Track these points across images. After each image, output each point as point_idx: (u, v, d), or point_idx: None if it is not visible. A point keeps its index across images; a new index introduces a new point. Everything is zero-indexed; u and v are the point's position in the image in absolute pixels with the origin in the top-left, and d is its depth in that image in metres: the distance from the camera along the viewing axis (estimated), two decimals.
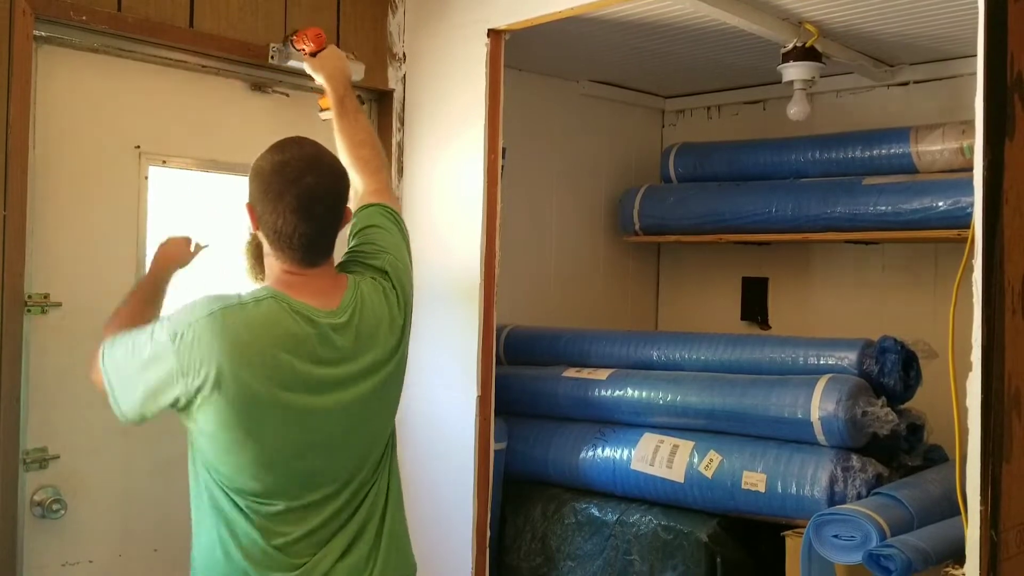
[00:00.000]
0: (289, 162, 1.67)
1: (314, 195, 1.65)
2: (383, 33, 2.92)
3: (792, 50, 2.93)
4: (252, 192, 1.69)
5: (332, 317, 1.67)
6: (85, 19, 2.27)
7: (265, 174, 1.67)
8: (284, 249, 1.67)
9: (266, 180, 1.66)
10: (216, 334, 1.57)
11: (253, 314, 1.61)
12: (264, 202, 1.65)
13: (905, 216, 3.06)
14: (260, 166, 1.69)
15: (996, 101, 1.68)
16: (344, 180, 1.75)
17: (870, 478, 2.42)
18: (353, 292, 1.73)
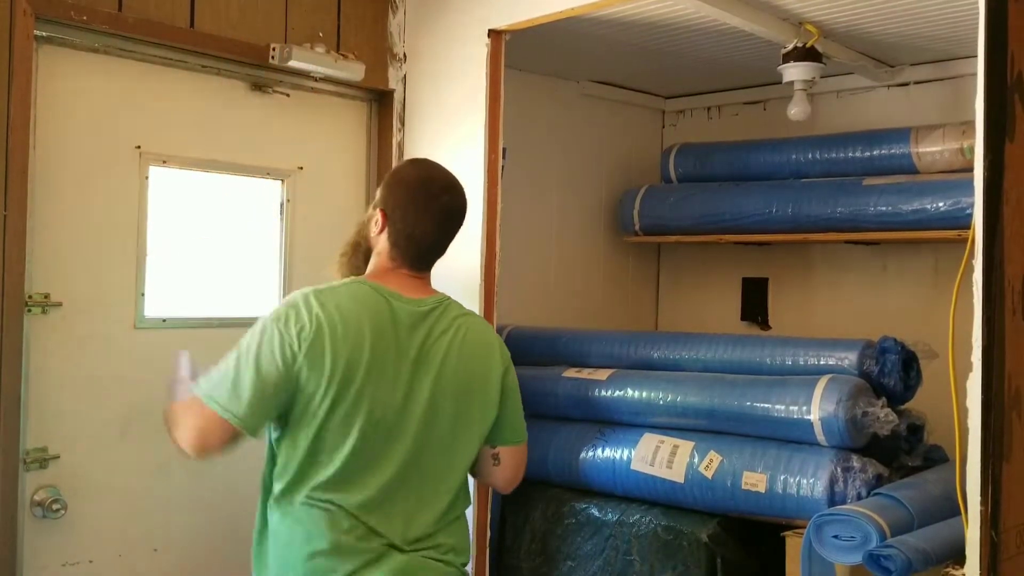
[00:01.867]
0: (435, 180, 1.97)
1: (451, 213, 1.96)
2: (383, 33, 2.92)
3: (792, 50, 2.93)
4: (392, 198, 1.94)
5: (414, 305, 1.90)
6: (86, 19, 2.27)
7: (412, 186, 1.94)
8: (408, 251, 1.93)
9: (413, 191, 1.93)
10: (313, 305, 1.80)
11: (343, 291, 1.86)
12: (407, 209, 1.92)
13: (905, 216, 3.06)
14: (406, 177, 1.98)
15: (996, 101, 1.68)
16: (466, 204, 2.02)
17: (870, 478, 2.42)
18: (440, 299, 1.97)
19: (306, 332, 1.77)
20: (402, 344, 1.85)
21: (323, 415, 1.79)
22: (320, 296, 1.83)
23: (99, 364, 2.39)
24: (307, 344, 1.76)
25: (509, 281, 2.94)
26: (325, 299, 1.82)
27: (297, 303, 1.81)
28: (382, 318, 1.84)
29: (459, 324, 1.96)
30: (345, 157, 2.97)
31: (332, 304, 1.81)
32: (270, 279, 2.80)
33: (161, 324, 2.53)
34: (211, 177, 2.65)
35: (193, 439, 1.80)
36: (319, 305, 1.80)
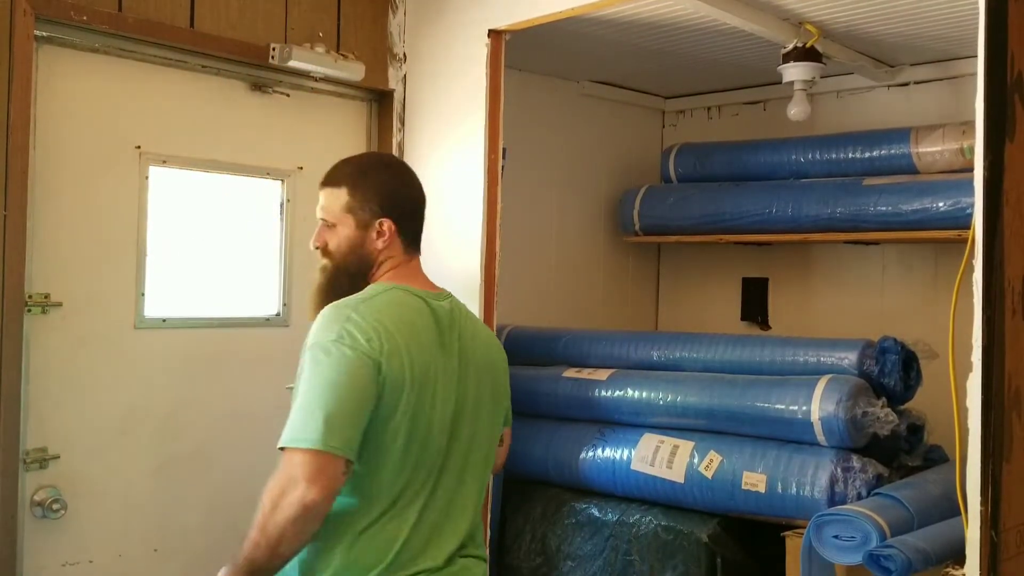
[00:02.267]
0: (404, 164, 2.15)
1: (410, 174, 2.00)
2: (383, 33, 2.92)
3: (792, 50, 2.93)
4: (384, 199, 1.86)
5: (441, 300, 1.85)
6: (86, 19, 2.27)
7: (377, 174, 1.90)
8: (412, 236, 1.89)
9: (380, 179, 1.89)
10: (366, 316, 1.68)
11: (383, 301, 1.75)
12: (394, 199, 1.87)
13: (905, 216, 3.06)
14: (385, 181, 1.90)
15: (996, 102, 1.68)
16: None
17: (870, 478, 2.42)
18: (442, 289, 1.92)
19: (376, 343, 1.64)
20: (449, 346, 1.79)
21: (405, 431, 1.67)
22: (364, 308, 1.70)
23: (99, 364, 2.39)
24: (386, 356, 1.64)
25: (509, 281, 2.94)
26: (371, 310, 1.70)
27: (349, 317, 1.67)
28: (429, 321, 1.77)
29: (467, 313, 1.92)
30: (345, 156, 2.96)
31: (384, 314, 1.70)
32: (270, 279, 2.80)
33: (161, 324, 2.53)
34: (211, 177, 2.65)
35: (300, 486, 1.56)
36: (372, 316, 1.68)
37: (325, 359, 1.63)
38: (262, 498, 1.61)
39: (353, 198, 1.85)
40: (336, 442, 1.57)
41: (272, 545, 1.58)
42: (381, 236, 1.84)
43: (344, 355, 1.62)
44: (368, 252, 1.85)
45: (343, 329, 1.65)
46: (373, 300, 1.74)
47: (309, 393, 1.62)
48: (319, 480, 1.56)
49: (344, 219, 1.85)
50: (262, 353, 2.73)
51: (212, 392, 2.62)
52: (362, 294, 1.77)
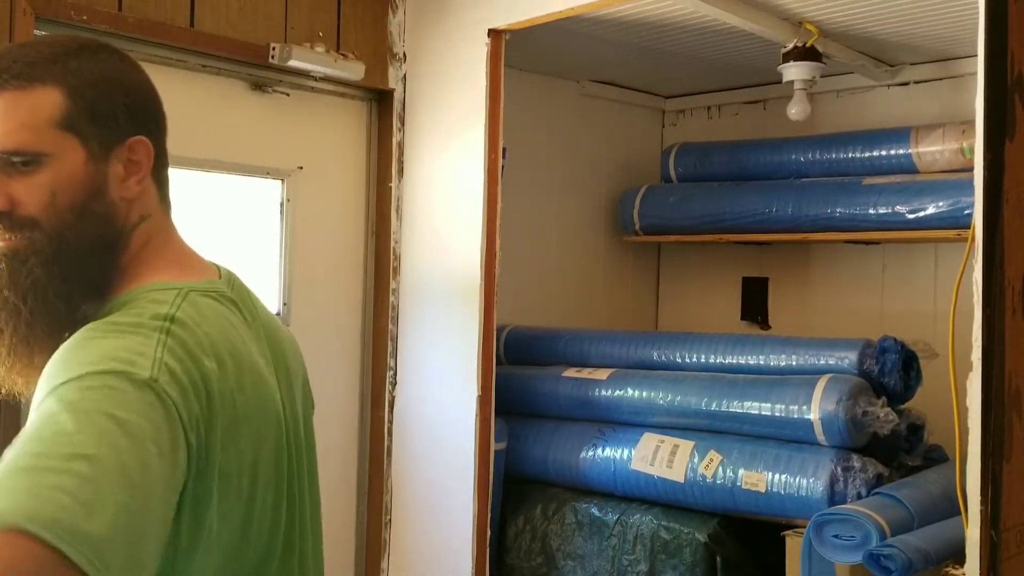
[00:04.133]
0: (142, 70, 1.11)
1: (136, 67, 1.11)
2: (383, 33, 2.92)
3: (792, 50, 2.93)
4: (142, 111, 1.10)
5: (222, 288, 1.08)
6: (86, 19, 2.27)
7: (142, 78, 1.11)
8: (166, 194, 1.15)
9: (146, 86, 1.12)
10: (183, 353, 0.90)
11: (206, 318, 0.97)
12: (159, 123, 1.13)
13: (905, 216, 3.06)
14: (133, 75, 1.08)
15: (996, 101, 1.68)
16: None
17: (870, 478, 2.42)
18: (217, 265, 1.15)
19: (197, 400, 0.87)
20: (271, 360, 1.06)
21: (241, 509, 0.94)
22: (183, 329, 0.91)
23: None
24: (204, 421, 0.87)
25: (509, 281, 2.94)
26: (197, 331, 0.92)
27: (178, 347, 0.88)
28: (245, 332, 1.03)
29: (256, 300, 1.15)
30: (345, 157, 2.97)
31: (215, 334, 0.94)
32: (270, 278, 2.80)
33: None
34: (211, 177, 2.65)
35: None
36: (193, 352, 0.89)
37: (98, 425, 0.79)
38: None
39: (74, 100, 0.96)
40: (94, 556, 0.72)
41: None
42: (134, 173, 1.05)
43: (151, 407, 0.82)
44: (114, 205, 1.01)
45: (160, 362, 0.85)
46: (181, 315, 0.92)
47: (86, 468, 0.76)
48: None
49: (59, 144, 0.95)
50: None
51: None
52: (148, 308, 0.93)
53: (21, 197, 0.93)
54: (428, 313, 2.80)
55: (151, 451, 0.80)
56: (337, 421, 2.91)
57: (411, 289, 2.87)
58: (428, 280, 2.83)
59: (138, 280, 0.99)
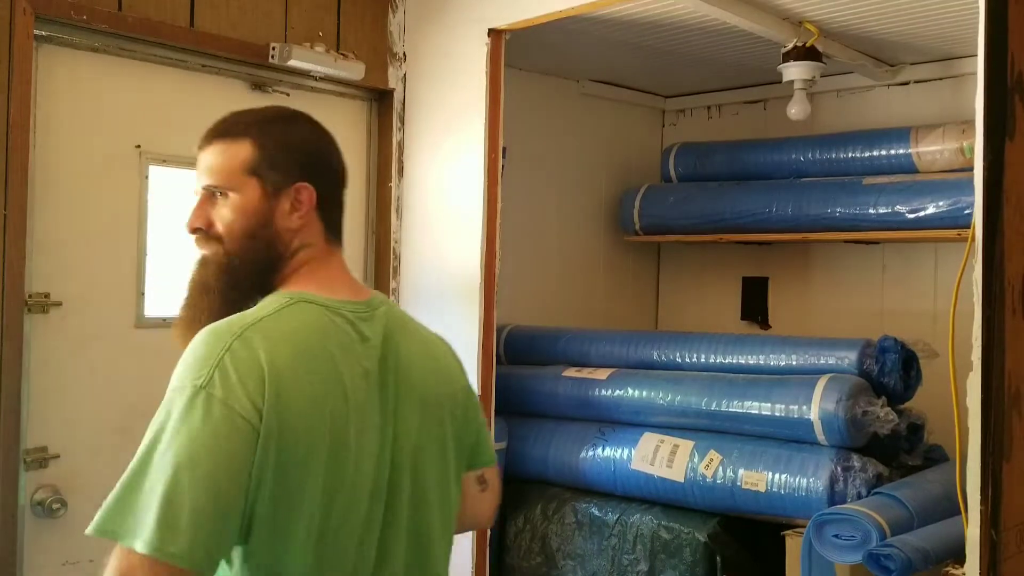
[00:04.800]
0: (333, 140, 1.40)
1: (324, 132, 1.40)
2: (383, 33, 2.92)
3: (792, 50, 2.93)
4: (311, 164, 1.32)
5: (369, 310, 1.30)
6: (86, 18, 2.27)
7: (317, 134, 1.37)
8: (331, 230, 1.33)
9: (320, 139, 1.37)
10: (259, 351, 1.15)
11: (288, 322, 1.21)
12: (319, 165, 1.33)
13: (905, 216, 3.06)
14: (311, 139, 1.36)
15: (996, 101, 1.68)
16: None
17: (870, 478, 2.42)
18: (376, 294, 1.37)
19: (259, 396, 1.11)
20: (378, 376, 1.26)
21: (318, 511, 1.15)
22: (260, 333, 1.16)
23: (99, 364, 2.39)
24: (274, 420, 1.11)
25: (509, 281, 2.94)
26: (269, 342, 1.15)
27: (231, 349, 1.14)
28: (351, 346, 1.23)
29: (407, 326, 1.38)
30: (345, 156, 2.95)
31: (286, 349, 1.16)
32: None
33: (162, 323, 2.52)
34: None
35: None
36: (267, 353, 1.14)
37: (182, 416, 1.11)
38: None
39: (260, 152, 1.27)
40: (178, 548, 1.05)
41: None
42: (297, 210, 1.27)
43: (208, 415, 1.09)
44: (278, 233, 1.27)
45: (217, 369, 1.12)
46: (264, 322, 1.18)
47: (155, 466, 1.12)
48: None
49: (244, 183, 1.26)
50: None
51: None
52: (256, 310, 1.21)
53: (215, 220, 1.28)
54: (428, 313, 2.79)
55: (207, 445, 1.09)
56: None
57: (411, 289, 2.87)
58: (428, 280, 2.83)
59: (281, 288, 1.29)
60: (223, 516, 1.09)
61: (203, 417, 1.10)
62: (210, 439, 1.09)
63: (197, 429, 1.10)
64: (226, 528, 1.09)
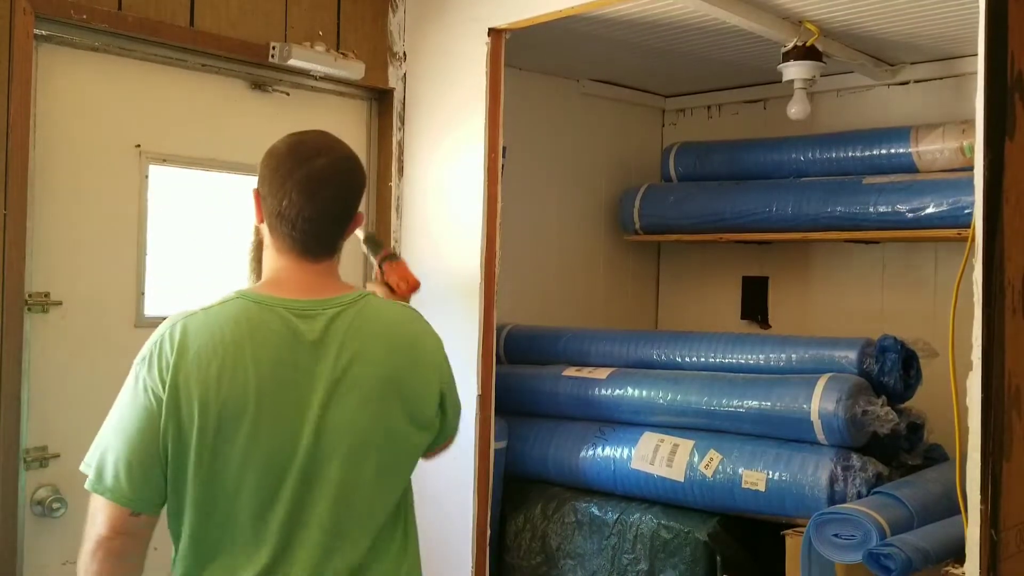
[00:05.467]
0: (305, 142, 1.54)
1: (323, 177, 1.50)
2: (383, 32, 2.92)
3: (792, 49, 2.93)
4: (261, 173, 1.54)
5: (310, 308, 1.47)
6: (86, 18, 2.27)
7: (277, 154, 1.53)
8: (285, 236, 1.51)
9: (277, 159, 1.52)
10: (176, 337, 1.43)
11: (219, 314, 1.46)
12: (272, 182, 1.50)
13: (905, 215, 3.06)
14: (274, 146, 1.56)
15: (996, 100, 1.68)
16: (359, 173, 1.61)
17: (870, 477, 2.42)
18: (360, 298, 1.53)
19: (167, 374, 1.40)
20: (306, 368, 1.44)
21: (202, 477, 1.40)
22: (191, 323, 1.45)
23: (99, 363, 2.39)
24: (170, 394, 1.39)
25: (509, 281, 2.94)
26: (196, 327, 1.44)
27: (163, 336, 1.44)
28: (275, 341, 1.43)
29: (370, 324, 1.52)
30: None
31: (205, 333, 1.43)
32: None
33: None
34: (211, 176, 2.65)
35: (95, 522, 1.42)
36: (186, 336, 1.43)
37: (127, 382, 1.45)
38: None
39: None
40: (105, 488, 1.39)
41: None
42: (255, 213, 1.57)
43: (136, 385, 1.42)
44: (259, 230, 1.61)
45: (151, 351, 1.44)
46: (207, 314, 1.47)
47: (107, 419, 1.45)
48: (105, 521, 1.40)
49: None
50: None
51: None
52: (208, 302, 1.51)
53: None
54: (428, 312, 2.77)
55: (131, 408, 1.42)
56: None
57: None
58: (428, 279, 2.82)
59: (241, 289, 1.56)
60: (142, 466, 1.39)
61: (132, 389, 1.43)
62: (131, 407, 1.41)
63: (127, 398, 1.43)
64: (150, 476, 1.40)
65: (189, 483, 1.40)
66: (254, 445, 1.40)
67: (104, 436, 1.43)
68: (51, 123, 2.29)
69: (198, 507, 1.42)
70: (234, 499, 1.41)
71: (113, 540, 1.41)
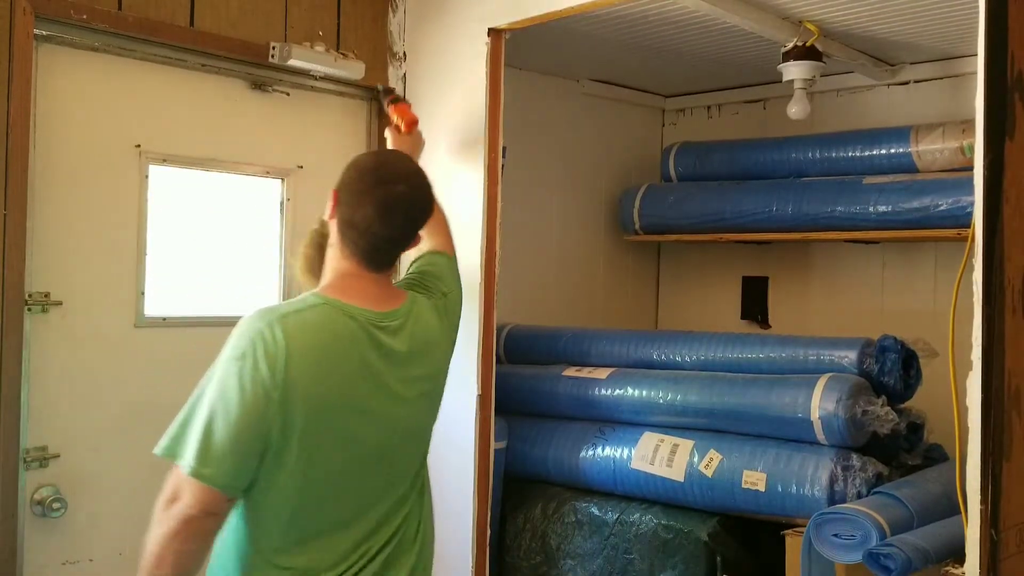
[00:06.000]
0: (389, 165, 1.75)
1: (399, 202, 1.68)
2: (383, 32, 2.92)
3: (792, 49, 2.93)
4: (343, 180, 1.72)
5: (385, 320, 1.69)
6: (86, 18, 2.27)
7: (363, 167, 1.73)
8: (350, 244, 1.69)
9: (361, 171, 1.71)
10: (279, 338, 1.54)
11: (310, 318, 1.60)
12: (352, 191, 1.68)
13: (905, 215, 3.06)
14: (362, 159, 1.78)
15: (996, 100, 1.68)
16: (430, 203, 1.77)
17: (870, 477, 2.42)
18: (411, 304, 1.76)
19: (280, 374, 1.52)
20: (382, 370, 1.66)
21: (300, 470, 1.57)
22: (288, 325, 1.57)
23: (99, 363, 2.39)
24: (282, 393, 1.52)
25: (509, 281, 2.94)
26: (294, 329, 1.57)
27: (262, 335, 1.54)
28: (360, 347, 1.63)
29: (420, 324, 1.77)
30: (345, 156, 2.92)
31: (307, 340, 1.57)
32: (270, 278, 2.80)
33: (161, 323, 2.53)
34: (211, 176, 2.65)
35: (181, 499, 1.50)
36: (288, 336, 1.55)
37: (223, 376, 1.53)
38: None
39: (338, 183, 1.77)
40: (209, 472, 1.49)
41: (154, 564, 1.49)
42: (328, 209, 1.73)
43: (240, 380, 1.51)
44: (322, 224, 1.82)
45: (250, 346, 1.53)
46: (297, 316, 1.59)
47: (200, 409, 1.53)
48: (196, 502, 1.49)
49: None
50: None
51: None
52: (291, 304, 1.64)
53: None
54: None
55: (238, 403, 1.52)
56: None
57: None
58: None
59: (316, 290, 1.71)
60: (242, 454, 1.51)
61: (237, 381, 1.51)
62: (237, 396, 1.51)
63: (231, 388, 1.51)
64: (246, 464, 1.53)
65: (289, 470, 1.56)
66: (346, 437, 1.61)
67: (199, 425, 1.51)
68: (51, 123, 2.29)
69: (298, 492, 1.58)
70: (329, 484, 1.61)
71: (203, 520, 1.51)
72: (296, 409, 1.54)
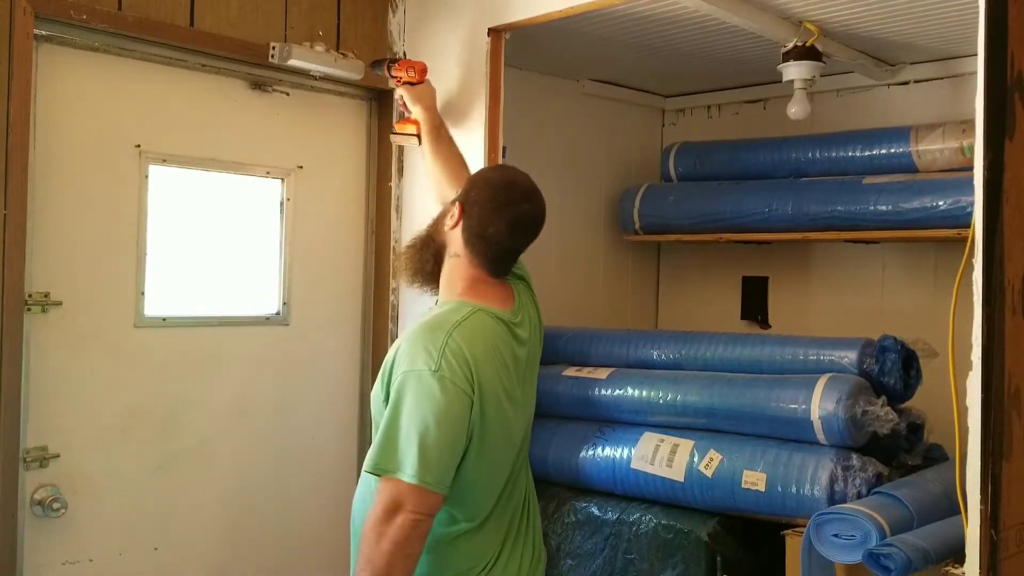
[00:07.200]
0: (519, 184, 1.98)
1: (527, 221, 1.97)
2: (383, 32, 2.92)
3: (792, 49, 2.93)
4: (472, 195, 1.96)
5: (514, 316, 1.97)
6: (85, 18, 2.27)
7: (494, 185, 1.97)
8: (480, 255, 1.95)
9: (493, 190, 1.95)
10: (464, 349, 1.80)
11: (476, 328, 1.86)
12: (484, 207, 1.93)
13: (905, 215, 3.06)
14: (490, 177, 2.03)
15: (996, 100, 1.68)
16: (544, 219, 2.03)
17: (870, 477, 2.42)
18: (519, 295, 2.04)
19: (473, 379, 1.79)
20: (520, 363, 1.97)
21: (482, 460, 1.87)
22: (460, 336, 1.82)
23: (99, 363, 2.40)
24: (479, 394, 1.80)
25: None
26: (468, 338, 1.83)
27: (448, 347, 1.80)
28: (510, 350, 1.93)
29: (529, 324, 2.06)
30: (345, 156, 2.97)
31: (475, 345, 1.83)
32: (270, 278, 2.80)
33: (161, 323, 2.53)
34: (211, 176, 2.65)
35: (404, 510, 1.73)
36: (469, 345, 1.82)
37: (422, 390, 1.75)
38: (364, 532, 1.73)
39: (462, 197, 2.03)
40: (431, 478, 1.72)
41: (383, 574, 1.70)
42: (452, 219, 1.97)
43: (443, 390, 1.75)
44: (440, 232, 2.03)
45: (443, 359, 1.77)
46: (469, 329, 1.85)
47: (407, 423, 1.74)
48: (420, 507, 1.72)
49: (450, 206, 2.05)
50: (262, 352, 2.73)
51: (212, 391, 2.62)
52: (449, 314, 1.87)
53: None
54: None
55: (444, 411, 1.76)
56: (337, 421, 2.91)
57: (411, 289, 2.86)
58: None
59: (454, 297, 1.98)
60: (455, 455, 1.77)
61: (440, 391, 1.74)
62: (446, 405, 1.73)
63: (437, 399, 1.73)
64: (455, 464, 1.78)
65: (473, 465, 1.83)
66: (504, 424, 1.88)
67: (413, 438, 1.73)
68: (51, 123, 2.30)
69: (478, 484, 1.86)
70: (496, 473, 1.92)
71: (427, 522, 1.75)
72: (485, 407, 1.81)
